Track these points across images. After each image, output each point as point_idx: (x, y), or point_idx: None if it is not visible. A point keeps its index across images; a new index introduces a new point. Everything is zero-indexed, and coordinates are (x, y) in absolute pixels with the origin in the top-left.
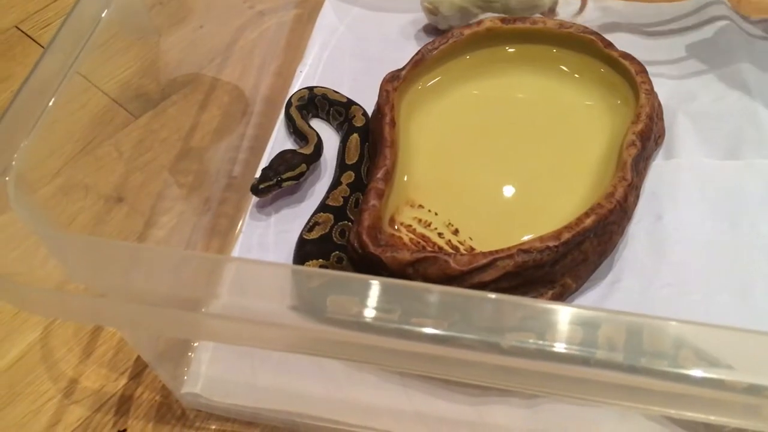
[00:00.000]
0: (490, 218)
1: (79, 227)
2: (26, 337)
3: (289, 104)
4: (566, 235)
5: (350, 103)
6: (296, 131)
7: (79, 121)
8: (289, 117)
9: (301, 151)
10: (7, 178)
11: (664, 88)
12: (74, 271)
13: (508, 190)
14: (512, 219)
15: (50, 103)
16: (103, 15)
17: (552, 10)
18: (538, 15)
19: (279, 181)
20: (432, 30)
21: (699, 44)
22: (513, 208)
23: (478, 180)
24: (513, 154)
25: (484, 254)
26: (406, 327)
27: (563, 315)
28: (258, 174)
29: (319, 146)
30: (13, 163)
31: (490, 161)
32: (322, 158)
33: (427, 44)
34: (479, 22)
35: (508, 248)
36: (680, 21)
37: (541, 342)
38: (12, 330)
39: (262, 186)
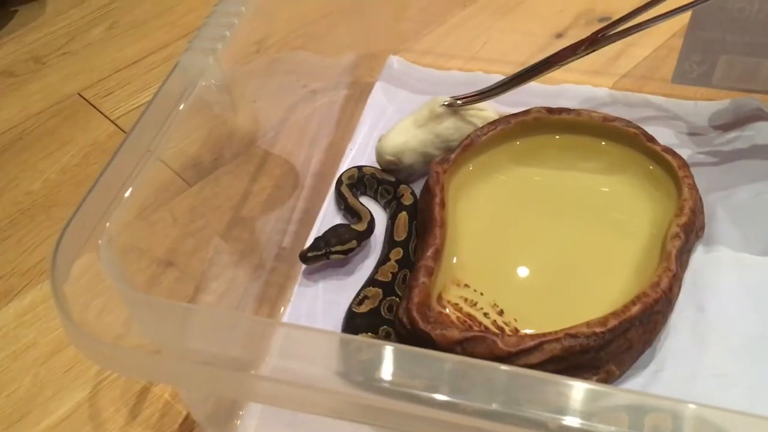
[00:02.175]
0: (534, 301)
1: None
2: (75, 396)
3: (339, 182)
4: (613, 322)
5: (398, 182)
6: (348, 208)
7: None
8: (340, 194)
9: (355, 227)
10: (99, 241)
11: (702, 182)
12: (148, 330)
13: (552, 274)
14: (556, 302)
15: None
16: (191, 93)
17: None
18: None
19: (328, 252)
20: None
21: (736, 140)
22: (557, 291)
23: (523, 263)
24: (556, 239)
25: (531, 337)
26: (456, 401)
27: (612, 398)
28: (309, 243)
29: (371, 225)
30: (107, 226)
31: (534, 245)
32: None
33: (476, 130)
34: (526, 112)
35: (555, 332)
36: (717, 118)
37: (587, 423)
38: (62, 387)
39: (310, 254)
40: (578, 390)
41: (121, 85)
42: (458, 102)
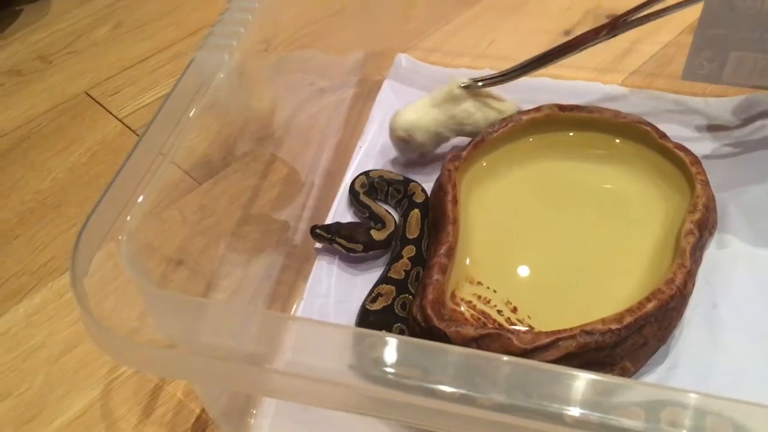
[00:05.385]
0: (548, 298)
1: None
2: (87, 394)
3: (357, 193)
4: (628, 319)
5: (407, 180)
6: (372, 215)
7: (158, 187)
8: (362, 204)
9: (374, 234)
10: (120, 237)
11: (714, 179)
12: (167, 326)
13: (565, 271)
14: (570, 299)
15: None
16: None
17: None
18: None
19: (332, 239)
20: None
21: (747, 137)
22: (570, 288)
23: (536, 259)
24: (569, 235)
25: (546, 334)
26: (471, 394)
27: (628, 392)
28: (330, 221)
29: (390, 237)
30: (128, 219)
31: (546, 241)
32: None
33: (487, 127)
34: (538, 109)
35: (571, 329)
36: (728, 115)
37: (604, 416)
38: (74, 386)
39: (318, 231)
40: (595, 384)
41: (127, 84)
42: (478, 84)
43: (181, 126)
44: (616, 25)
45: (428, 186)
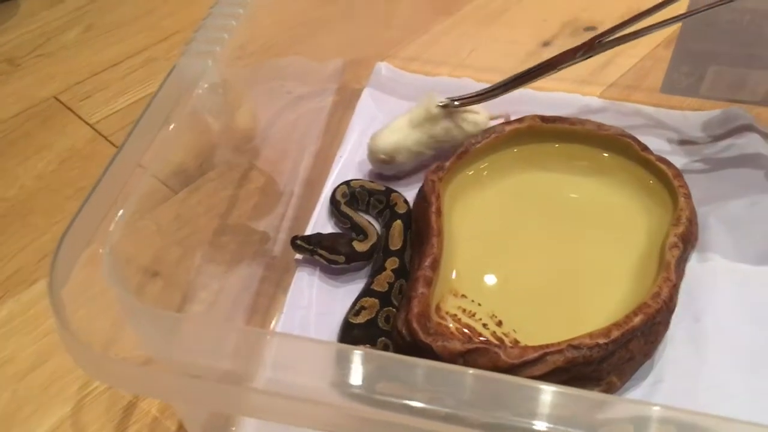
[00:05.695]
0: (533, 311)
1: None
2: (57, 412)
3: (338, 203)
4: (615, 333)
5: (389, 190)
6: (354, 226)
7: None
8: (343, 214)
9: (356, 245)
10: (101, 251)
11: (694, 192)
12: (150, 343)
13: (550, 284)
14: (555, 312)
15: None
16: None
17: None
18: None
19: (313, 251)
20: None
21: (726, 150)
22: (555, 302)
23: (520, 272)
24: (552, 248)
25: (534, 348)
26: (458, 413)
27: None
28: (310, 232)
29: (372, 249)
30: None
31: (530, 253)
32: None
33: (470, 138)
34: (520, 119)
35: (558, 343)
36: (707, 128)
37: None
38: (41, 404)
39: (300, 243)
40: (585, 401)
41: (98, 89)
42: (455, 103)
43: (162, 136)
44: (592, 46)
45: (410, 196)
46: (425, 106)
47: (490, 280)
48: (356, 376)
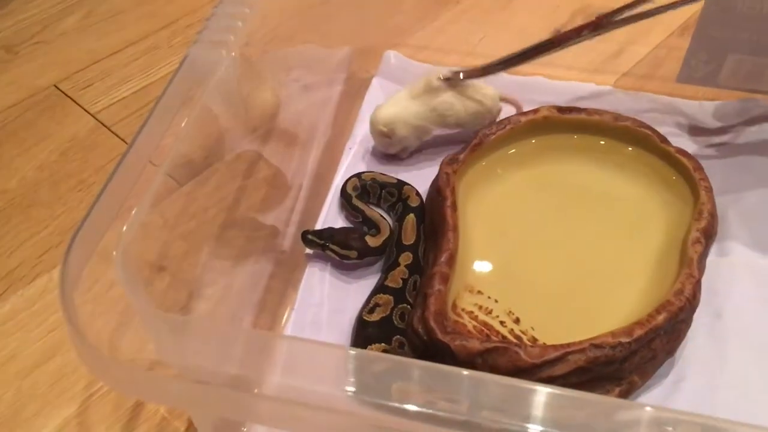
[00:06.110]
0: (550, 308)
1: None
2: (62, 412)
3: (349, 196)
4: (638, 332)
5: (401, 183)
6: (366, 220)
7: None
8: (355, 208)
9: (369, 240)
10: (114, 253)
11: (712, 184)
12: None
13: (568, 280)
14: (574, 309)
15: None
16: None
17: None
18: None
19: (325, 245)
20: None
21: (744, 141)
22: (572, 298)
23: (536, 268)
24: (570, 242)
25: (554, 347)
26: (478, 421)
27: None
28: (320, 226)
29: (385, 243)
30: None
31: (547, 248)
32: None
33: (484, 129)
34: (536, 110)
35: (579, 342)
36: (724, 118)
37: None
38: (47, 403)
39: (310, 237)
40: (607, 406)
41: (100, 77)
42: (459, 75)
43: (175, 131)
44: (599, 24)
45: (421, 187)
46: (425, 79)
47: (506, 275)
48: (373, 382)
